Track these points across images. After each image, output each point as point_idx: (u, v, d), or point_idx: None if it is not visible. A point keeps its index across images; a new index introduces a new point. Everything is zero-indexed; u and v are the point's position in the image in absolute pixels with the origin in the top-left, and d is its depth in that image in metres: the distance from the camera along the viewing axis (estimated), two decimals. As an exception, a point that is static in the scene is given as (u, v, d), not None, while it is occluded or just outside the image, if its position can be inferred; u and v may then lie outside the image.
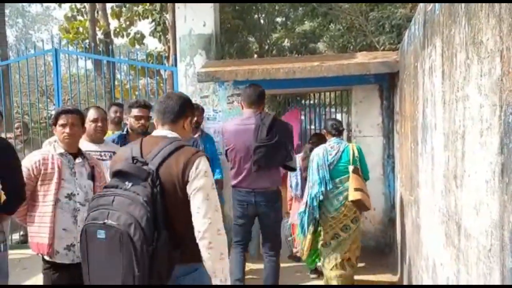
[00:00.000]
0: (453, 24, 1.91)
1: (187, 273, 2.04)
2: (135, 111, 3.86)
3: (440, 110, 2.24)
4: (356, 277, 4.47)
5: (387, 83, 4.96)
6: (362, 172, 4.07)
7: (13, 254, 4.67)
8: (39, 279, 3.26)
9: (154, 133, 2.22)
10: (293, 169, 3.83)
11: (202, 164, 2.02)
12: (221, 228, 2.02)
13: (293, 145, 3.77)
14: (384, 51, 6.42)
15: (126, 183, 1.95)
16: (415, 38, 3.11)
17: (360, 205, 3.94)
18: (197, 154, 2.05)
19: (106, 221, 1.87)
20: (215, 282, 2.01)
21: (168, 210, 1.95)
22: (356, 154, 4.03)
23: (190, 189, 1.99)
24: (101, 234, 1.88)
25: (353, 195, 3.87)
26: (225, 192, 4.92)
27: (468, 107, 1.69)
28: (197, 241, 1.98)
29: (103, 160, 3.41)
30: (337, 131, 4.15)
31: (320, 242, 4.13)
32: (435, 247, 2.39)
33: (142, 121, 3.86)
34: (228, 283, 2.04)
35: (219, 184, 4.57)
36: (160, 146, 2.06)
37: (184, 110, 2.21)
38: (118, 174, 2.01)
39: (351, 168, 3.96)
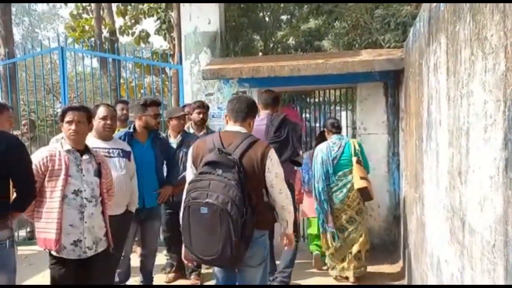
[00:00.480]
0: (457, 21, 1.91)
1: (260, 236, 2.64)
2: (153, 110, 3.90)
3: (444, 106, 2.24)
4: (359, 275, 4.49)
5: (392, 81, 4.96)
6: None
7: (20, 250, 4.71)
8: (45, 275, 3.30)
9: (228, 128, 2.74)
10: (299, 164, 4.00)
11: (274, 155, 2.65)
12: (291, 199, 2.79)
13: (300, 143, 3.98)
14: (390, 48, 6.40)
15: (217, 170, 2.47)
16: (420, 35, 3.11)
17: (365, 194, 4.14)
18: (268, 147, 2.67)
19: (207, 200, 2.40)
20: (288, 231, 2.84)
21: (248, 190, 2.48)
22: (357, 148, 4.25)
23: (271, 175, 2.61)
24: (204, 210, 2.41)
25: (359, 183, 4.09)
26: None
27: (472, 103, 1.69)
28: (279, 210, 2.72)
29: (111, 157, 3.43)
30: (337, 128, 4.42)
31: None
32: (439, 244, 2.39)
33: (158, 119, 3.96)
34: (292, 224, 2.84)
35: None
36: (238, 140, 2.60)
37: (252, 111, 2.77)
38: (209, 163, 2.52)
39: (354, 159, 4.17)
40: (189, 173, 2.71)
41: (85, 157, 2.90)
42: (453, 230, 2.05)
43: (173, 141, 4.36)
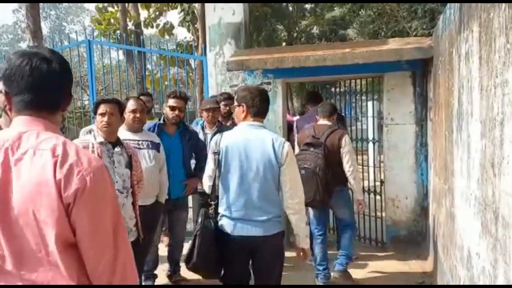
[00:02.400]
0: (491, 8, 1.85)
1: (339, 189, 4.03)
2: (170, 102, 3.93)
3: (477, 96, 2.18)
4: (388, 266, 4.46)
5: (421, 70, 4.84)
6: None
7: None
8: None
9: (319, 122, 4.16)
10: None
11: (347, 138, 4.01)
12: (356, 168, 4.08)
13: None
14: (417, 37, 6.26)
15: (311, 148, 3.93)
16: (451, 23, 3.03)
17: None
18: (343, 133, 4.03)
19: (304, 166, 3.79)
20: (356, 193, 4.14)
21: (330, 160, 3.87)
22: None
23: (343, 150, 3.94)
24: (302, 171, 3.58)
25: None
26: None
27: (507, 93, 1.64)
28: (347, 174, 3.97)
29: (140, 149, 3.49)
30: None
31: None
32: (470, 237, 2.35)
33: (177, 112, 3.93)
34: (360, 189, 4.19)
35: None
36: (324, 129, 4.03)
37: (334, 110, 4.24)
38: (306, 144, 3.98)
39: None
40: (296, 151, 4.09)
41: (117, 149, 2.95)
42: (485, 223, 2.01)
43: (209, 132, 4.38)
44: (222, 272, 2.73)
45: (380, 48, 4.64)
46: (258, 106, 2.68)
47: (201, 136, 4.32)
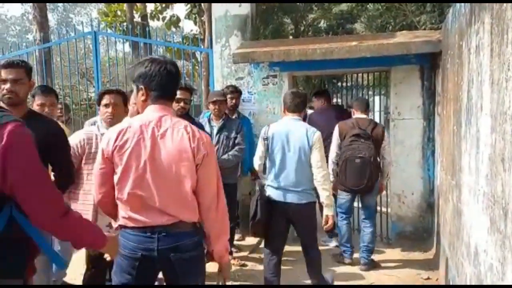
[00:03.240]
0: (505, -2, 1.80)
1: (378, 177, 4.34)
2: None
3: (487, 90, 2.13)
4: (392, 262, 4.43)
5: (429, 64, 4.78)
6: None
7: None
8: (79, 257, 3.39)
9: (357, 116, 4.45)
10: None
11: (386, 132, 4.45)
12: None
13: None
14: (426, 30, 6.17)
15: (361, 139, 4.24)
16: (461, 15, 2.97)
17: None
18: (384, 127, 4.48)
19: (359, 155, 4.19)
20: (384, 179, 4.54)
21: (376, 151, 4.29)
22: None
23: (385, 142, 4.35)
24: (357, 160, 4.20)
25: None
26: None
27: (520, 86, 1.60)
28: (386, 163, 4.41)
29: None
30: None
31: None
32: (478, 233, 2.31)
33: (182, 104, 3.88)
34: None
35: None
36: (367, 122, 4.39)
37: (368, 106, 4.61)
38: (355, 135, 4.26)
39: None
40: (335, 143, 4.43)
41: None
42: (493, 219, 1.97)
43: (215, 125, 4.38)
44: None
45: (388, 42, 4.58)
46: (296, 104, 3.49)
47: (207, 128, 4.30)
